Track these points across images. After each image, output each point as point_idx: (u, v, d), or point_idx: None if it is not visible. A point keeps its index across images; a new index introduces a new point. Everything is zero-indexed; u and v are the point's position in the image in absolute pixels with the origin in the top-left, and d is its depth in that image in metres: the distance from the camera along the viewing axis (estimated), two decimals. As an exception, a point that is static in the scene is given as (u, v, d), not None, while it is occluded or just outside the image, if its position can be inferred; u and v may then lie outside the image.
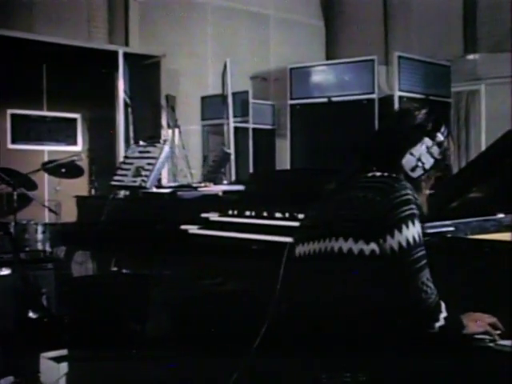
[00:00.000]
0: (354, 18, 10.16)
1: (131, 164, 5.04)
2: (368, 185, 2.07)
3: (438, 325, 1.95)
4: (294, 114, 7.06)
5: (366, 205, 1.99)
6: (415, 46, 8.70)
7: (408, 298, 1.95)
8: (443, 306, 1.98)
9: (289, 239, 3.58)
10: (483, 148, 8.90)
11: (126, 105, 7.09)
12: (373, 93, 6.60)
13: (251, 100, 8.24)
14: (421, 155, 2.12)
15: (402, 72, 6.61)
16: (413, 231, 1.96)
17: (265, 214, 4.17)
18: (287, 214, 4.06)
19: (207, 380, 3.51)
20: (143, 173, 4.89)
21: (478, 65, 8.91)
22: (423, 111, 2.20)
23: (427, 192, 2.19)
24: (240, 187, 5.22)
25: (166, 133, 7.59)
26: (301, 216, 3.93)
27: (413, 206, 1.98)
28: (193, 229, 4.21)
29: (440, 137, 2.15)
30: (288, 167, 9.27)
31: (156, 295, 3.92)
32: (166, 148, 4.98)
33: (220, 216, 4.31)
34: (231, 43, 9.13)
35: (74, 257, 5.71)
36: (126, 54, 7.07)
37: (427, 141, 2.12)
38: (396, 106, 6.61)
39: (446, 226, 2.69)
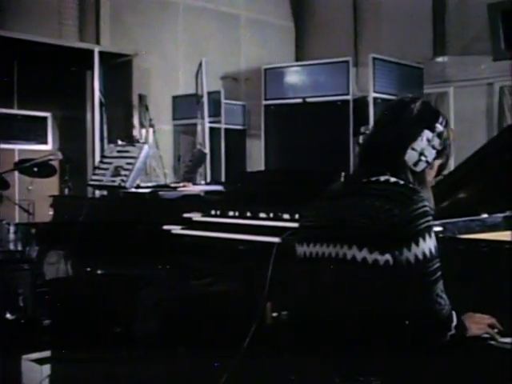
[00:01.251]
0: (323, 20, 10.22)
1: (110, 164, 4.98)
2: (384, 193, 2.02)
3: (449, 334, 1.97)
4: (269, 115, 7.06)
5: (383, 216, 1.96)
6: (385, 47, 8.75)
7: (422, 309, 1.96)
8: (454, 315, 1.99)
9: (276, 239, 3.61)
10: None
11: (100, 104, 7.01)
12: (347, 94, 6.64)
13: (223, 100, 8.21)
14: (423, 149, 2.10)
15: (376, 73, 6.66)
16: (429, 244, 1.95)
17: (248, 214, 4.17)
18: (271, 214, 4.06)
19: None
20: (122, 172, 4.84)
21: (446, 67, 9.03)
22: (418, 102, 2.16)
23: (431, 182, 2.18)
24: (219, 187, 5.21)
25: (137, 132, 7.53)
26: (286, 216, 3.97)
27: (429, 218, 1.97)
28: (176, 229, 4.18)
29: (439, 127, 2.12)
30: (262, 168, 9.32)
31: (141, 296, 3.88)
32: (146, 147, 4.93)
33: (203, 216, 4.29)
34: (202, 43, 9.11)
35: (47, 257, 5.63)
36: (98, 53, 6.99)
37: (427, 133, 2.10)
38: (370, 106, 6.68)
39: (435, 226, 2.72)
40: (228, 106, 8.66)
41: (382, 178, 2.07)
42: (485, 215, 3.20)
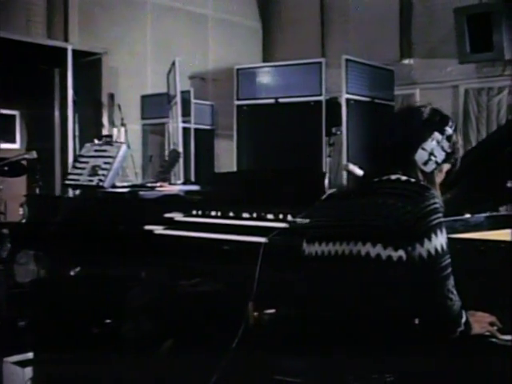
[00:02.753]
0: (291, 20, 10.26)
1: (86, 163, 4.93)
2: (396, 191, 2.08)
3: (459, 330, 2.01)
4: (241, 115, 7.05)
5: (397, 213, 2.01)
6: (352, 49, 8.81)
7: (434, 304, 2.00)
8: (463, 311, 2.04)
9: (263, 239, 3.61)
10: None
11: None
12: (320, 95, 6.67)
13: (193, 100, 8.17)
14: (432, 149, 2.16)
15: (349, 75, 6.71)
16: (441, 239, 2.00)
17: (231, 214, 4.17)
18: (255, 214, 4.06)
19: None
20: (100, 172, 4.79)
21: (413, 69, 9.14)
22: (428, 107, 2.23)
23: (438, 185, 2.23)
24: (196, 187, 5.19)
25: (107, 131, 7.46)
26: (270, 216, 3.98)
27: (440, 215, 2.03)
28: (158, 229, 4.15)
29: (449, 130, 2.20)
30: (231, 168, 9.30)
31: (129, 297, 3.85)
32: (124, 147, 4.90)
33: (185, 216, 4.26)
34: (170, 42, 9.06)
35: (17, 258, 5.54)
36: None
37: (437, 135, 2.17)
38: (343, 107, 6.72)
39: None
40: (196, 106, 8.63)
41: (393, 177, 2.13)
42: (468, 215, 3.26)
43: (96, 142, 5.10)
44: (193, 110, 8.12)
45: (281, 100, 6.85)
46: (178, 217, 4.27)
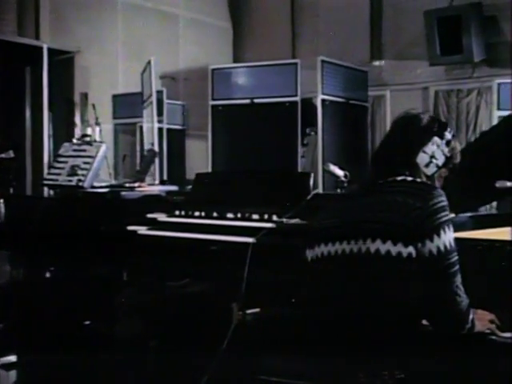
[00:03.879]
0: (261, 21, 10.27)
1: (65, 163, 4.88)
2: (403, 189, 2.14)
3: (467, 327, 2.04)
4: (216, 115, 7.04)
5: (406, 210, 2.06)
6: (323, 50, 8.85)
7: (444, 300, 2.03)
8: (470, 308, 2.07)
9: (250, 239, 3.61)
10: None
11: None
12: (296, 95, 6.69)
13: (165, 100, 8.13)
14: (433, 152, 2.24)
15: (324, 76, 6.74)
16: (449, 236, 2.06)
17: (215, 214, 4.16)
18: (239, 215, 4.06)
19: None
20: (80, 172, 4.74)
21: (383, 71, 9.22)
22: (427, 114, 2.35)
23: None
24: (174, 187, 5.17)
25: (79, 131, 7.38)
26: (255, 216, 3.98)
27: (448, 212, 2.09)
28: (142, 230, 4.12)
29: (448, 135, 2.30)
30: (202, 168, 9.25)
31: (119, 298, 3.82)
32: (104, 147, 4.86)
33: (168, 217, 4.25)
34: (141, 41, 9.00)
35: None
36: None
37: (437, 139, 2.26)
38: (318, 108, 6.75)
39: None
40: (168, 106, 8.59)
41: (399, 178, 2.18)
42: (452, 215, 3.31)
43: (74, 141, 5.05)
44: (165, 109, 8.07)
45: (256, 100, 6.85)
46: (161, 217, 4.25)
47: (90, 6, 8.40)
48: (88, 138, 5.11)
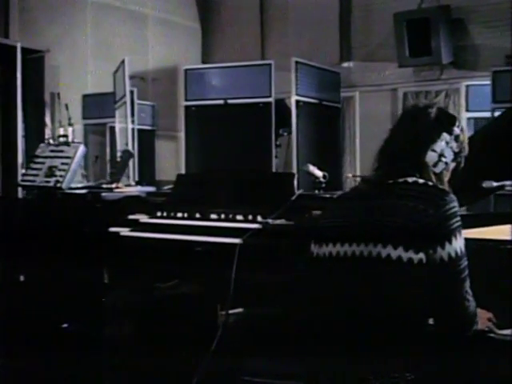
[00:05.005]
0: (230, 22, 10.26)
1: (42, 163, 4.82)
2: (415, 194, 2.11)
3: (473, 329, 2.09)
4: (189, 116, 7.01)
5: (418, 216, 2.05)
6: (292, 51, 8.86)
7: (453, 305, 2.05)
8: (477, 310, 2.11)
9: (237, 240, 3.61)
10: (358, 152, 9.31)
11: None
12: (269, 96, 6.70)
13: (136, 100, 8.06)
14: (442, 150, 2.21)
15: (298, 77, 6.77)
16: (460, 242, 2.06)
17: (198, 215, 4.14)
18: (223, 216, 4.05)
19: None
20: (57, 173, 4.69)
21: (352, 72, 9.28)
22: (435, 107, 2.28)
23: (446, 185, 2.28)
24: (151, 188, 5.15)
25: (50, 131, 7.30)
26: (240, 217, 3.97)
27: (459, 218, 2.07)
28: (124, 231, 4.09)
29: (457, 130, 2.26)
30: (175, 170, 9.22)
31: (108, 300, 3.78)
32: (82, 147, 4.82)
33: (151, 218, 4.22)
34: (110, 41, 8.92)
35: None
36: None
37: (446, 136, 2.22)
38: (292, 109, 6.78)
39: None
40: (138, 106, 8.52)
41: (410, 180, 2.16)
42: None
43: (51, 141, 4.99)
44: (136, 110, 8.01)
45: (230, 101, 6.84)
46: (143, 218, 4.23)
47: (59, 5, 8.30)
48: (65, 139, 5.05)
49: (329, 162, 6.60)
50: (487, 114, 6.94)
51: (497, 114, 6.66)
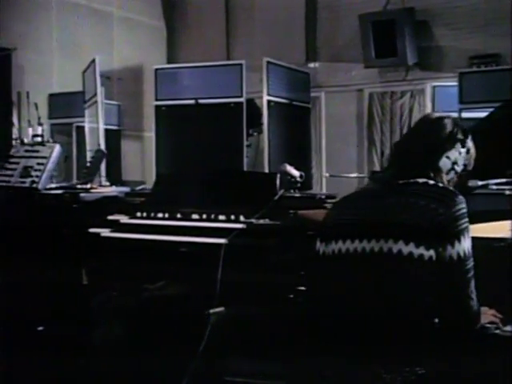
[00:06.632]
0: (195, 21, 10.25)
1: (17, 164, 4.75)
2: (427, 194, 2.18)
3: (477, 326, 2.15)
4: (160, 116, 6.98)
5: (429, 214, 2.11)
6: (258, 51, 8.89)
7: (459, 303, 2.11)
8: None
9: (222, 240, 3.62)
10: (324, 152, 9.39)
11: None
12: (241, 96, 6.72)
13: (103, 100, 7.98)
14: (456, 159, 2.31)
15: (269, 77, 6.80)
16: (468, 242, 2.12)
17: (179, 215, 4.13)
18: (204, 216, 4.04)
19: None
20: (33, 173, 4.63)
21: (317, 73, 9.34)
22: (450, 119, 2.38)
23: None
24: (126, 189, 5.11)
25: (17, 131, 7.19)
26: (222, 217, 3.97)
27: (467, 219, 2.14)
28: (105, 232, 4.06)
29: (469, 143, 2.36)
30: (141, 170, 9.18)
31: (96, 302, 3.75)
32: (58, 147, 4.76)
33: (131, 218, 4.19)
34: (76, 40, 8.84)
35: None
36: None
37: (459, 146, 2.32)
38: (264, 109, 6.81)
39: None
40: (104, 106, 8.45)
41: (421, 181, 2.23)
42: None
43: (26, 141, 4.92)
44: (103, 109, 7.93)
45: (201, 101, 6.84)
46: (124, 219, 4.19)
47: (24, 3, 8.18)
48: (39, 139, 4.98)
49: (299, 162, 6.63)
50: (454, 115, 7.03)
51: (464, 114, 6.80)
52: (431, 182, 2.24)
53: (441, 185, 2.25)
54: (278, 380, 2.82)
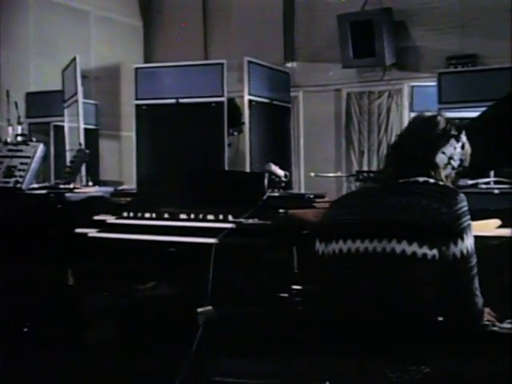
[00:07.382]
0: (173, 20, 10.22)
1: (0, 163, 4.70)
2: (427, 193, 2.20)
3: (481, 324, 2.18)
4: (140, 115, 6.94)
5: (432, 213, 2.12)
6: (235, 51, 8.90)
7: (463, 301, 2.14)
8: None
9: (212, 240, 3.61)
10: (302, 152, 9.41)
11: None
12: (222, 96, 6.71)
13: (81, 99, 7.92)
14: (452, 154, 2.34)
15: (251, 76, 6.81)
16: (470, 240, 2.15)
17: (166, 215, 4.12)
18: (192, 216, 4.04)
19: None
20: (17, 173, 4.59)
21: (296, 73, 9.35)
22: (443, 117, 2.41)
23: None
24: (110, 189, 5.08)
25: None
26: (210, 217, 3.97)
27: (469, 217, 2.16)
28: (92, 232, 4.03)
29: (463, 139, 2.39)
30: (118, 170, 9.13)
31: (88, 302, 3.72)
32: (41, 147, 4.72)
33: (118, 218, 4.17)
34: (53, 38, 8.76)
35: None
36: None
37: (454, 142, 2.35)
38: (245, 108, 6.81)
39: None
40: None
41: (421, 179, 2.24)
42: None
43: (9, 140, 4.87)
44: (81, 108, 7.87)
45: (181, 100, 6.81)
46: (110, 219, 4.17)
47: (0, 0, 8.09)
48: (23, 138, 4.94)
49: (279, 161, 6.64)
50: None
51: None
52: (431, 180, 2.26)
53: (441, 183, 2.27)
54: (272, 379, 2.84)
